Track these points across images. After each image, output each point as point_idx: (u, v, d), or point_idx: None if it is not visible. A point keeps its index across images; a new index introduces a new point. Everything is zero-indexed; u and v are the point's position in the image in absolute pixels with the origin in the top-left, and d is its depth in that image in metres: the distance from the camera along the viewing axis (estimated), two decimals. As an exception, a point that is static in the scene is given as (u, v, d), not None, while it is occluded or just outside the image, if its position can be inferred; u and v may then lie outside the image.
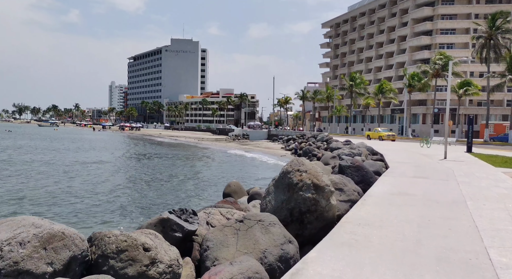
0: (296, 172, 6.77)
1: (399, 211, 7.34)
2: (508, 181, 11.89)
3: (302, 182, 6.59)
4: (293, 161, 7.12)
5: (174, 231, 5.17)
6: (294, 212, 6.48)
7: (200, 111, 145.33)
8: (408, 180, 11.98)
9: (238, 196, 10.40)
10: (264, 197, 7.22)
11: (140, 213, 14.16)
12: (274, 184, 7.14)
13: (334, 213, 6.88)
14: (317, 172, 6.84)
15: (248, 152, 44.96)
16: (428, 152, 25.20)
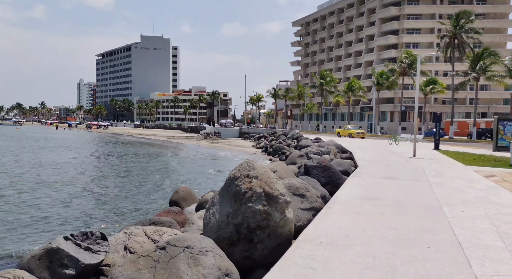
0: (245, 178, 5.43)
1: (368, 222, 6.14)
2: (482, 181, 11.06)
3: (252, 190, 5.26)
4: (242, 164, 5.78)
5: (65, 267, 3.73)
6: (242, 228, 5.15)
7: (172, 109, 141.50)
8: (377, 180, 10.93)
9: (187, 203, 8.96)
10: (207, 208, 5.84)
11: (62, 226, 11.56)
12: (219, 192, 5.77)
13: (290, 228, 5.58)
14: (270, 178, 5.52)
15: (217, 150, 43.40)
16: (397, 149, 24.61)
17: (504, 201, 8.11)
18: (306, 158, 17.28)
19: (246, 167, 5.61)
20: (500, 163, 15.67)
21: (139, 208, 14.16)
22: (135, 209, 13.81)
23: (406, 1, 67.93)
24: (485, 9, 65.75)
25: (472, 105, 60.38)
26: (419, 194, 8.86)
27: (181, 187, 10.03)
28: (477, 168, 14.22)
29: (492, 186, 10.21)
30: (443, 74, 63.98)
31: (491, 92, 65.38)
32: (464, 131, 50.86)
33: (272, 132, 53.49)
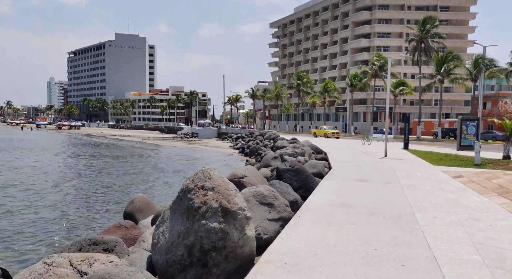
0: (199, 190, 4.73)
1: (338, 234, 5.59)
2: (451, 182, 10.78)
3: (207, 205, 4.56)
4: (197, 173, 5.07)
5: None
6: (194, 250, 4.43)
7: (149, 109, 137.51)
8: (350, 183, 10.46)
9: (143, 215, 8.10)
10: (157, 225, 5.10)
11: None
12: (171, 207, 5.05)
13: (251, 247, 4.90)
14: (229, 189, 4.83)
15: (193, 151, 42.32)
16: (369, 149, 24.47)
17: (474, 204, 7.76)
18: (280, 159, 16.72)
19: (202, 177, 4.90)
20: (465, 163, 15.58)
21: (90, 221, 12.15)
22: (85, 223, 11.87)
23: (377, 6, 68.67)
24: (448, 15, 67.28)
25: (437, 106, 61.69)
26: (391, 198, 8.41)
27: (137, 196, 8.84)
28: (445, 168, 14.03)
29: (460, 187, 9.92)
30: (411, 76, 65.03)
31: (454, 94, 67.04)
32: (430, 131, 51.81)
33: (250, 133, 52.87)
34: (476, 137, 23.67)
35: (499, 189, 8.89)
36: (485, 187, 9.40)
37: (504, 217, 6.71)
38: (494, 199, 8.13)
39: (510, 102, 44.42)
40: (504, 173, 10.47)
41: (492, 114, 43.70)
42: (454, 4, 67.80)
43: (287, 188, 10.43)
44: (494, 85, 64.25)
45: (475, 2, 68.38)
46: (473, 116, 40.83)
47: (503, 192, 8.55)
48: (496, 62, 37.72)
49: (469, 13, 68.50)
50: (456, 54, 43.42)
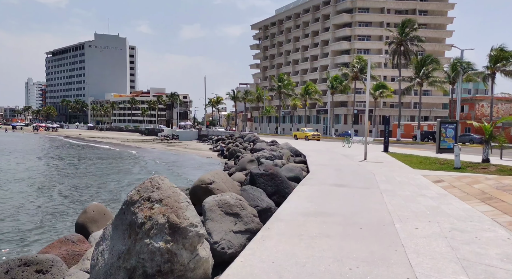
0: (145, 202, 4.01)
1: (310, 250, 4.96)
2: (431, 187, 10.37)
3: (152, 220, 3.84)
4: (144, 182, 4.34)
5: None
6: (136, 275, 3.72)
7: (129, 110, 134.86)
8: (327, 189, 9.90)
9: (98, 226, 7.26)
10: (97, 244, 4.33)
11: None
12: (113, 222, 4.29)
13: (205, 269, 4.19)
14: (179, 201, 4.12)
15: (171, 153, 41.18)
16: (349, 152, 24.15)
17: (456, 212, 7.30)
18: (257, 163, 16.09)
19: (149, 186, 4.17)
20: (445, 166, 15.34)
21: (37, 233, 10.82)
22: (28, 236, 10.52)
23: (358, 9, 69.28)
24: (427, 19, 68.54)
25: (416, 109, 62.58)
26: (370, 206, 7.87)
27: (91, 205, 7.84)
28: (425, 172, 13.71)
29: (442, 193, 9.50)
30: (391, 79, 65.82)
31: (432, 97, 68.24)
32: (410, 133, 52.36)
33: (230, 135, 52.10)
34: (455, 140, 23.72)
35: (481, 195, 8.50)
36: (467, 193, 9.00)
37: (489, 227, 6.25)
38: (477, 206, 7.71)
39: (486, 106, 45.34)
40: (485, 178, 10.14)
41: (470, 118, 44.47)
42: (433, 8, 69.13)
43: (260, 194, 9.80)
44: (471, 89, 65.82)
45: (453, 7, 69.94)
46: (451, 119, 41.41)
47: (486, 198, 8.15)
48: (474, 65, 38.42)
49: (446, 17, 69.98)
50: (435, 58, 44.00)
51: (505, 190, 8.40)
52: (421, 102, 47.62)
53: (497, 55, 32.59)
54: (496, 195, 8.20)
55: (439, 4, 69.05)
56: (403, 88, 46.22)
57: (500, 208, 7.23)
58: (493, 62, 33.17)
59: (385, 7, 68.62)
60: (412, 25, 44.30)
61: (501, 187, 8.77)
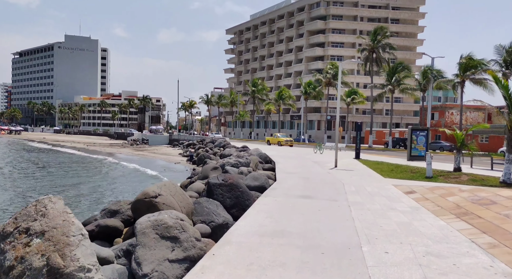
0: (20, 235, 2.89)
1: (256, 289, 3.95)
2: (403, 199, 9.65)
3: (24, 263, 2.73)
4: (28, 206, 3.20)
5: None
6: None
7: (99, 114, 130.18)
8: (291, 202, 8.96)
9: None
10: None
11: None
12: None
13: None
14: (69, 234, 3.03)
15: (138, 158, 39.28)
16: (320, 159, 23.51)
17: (431, 231, 6.52)
18: (221, 170, 15.00)
19: (32, 213, 3.10)
20: (416, 175, 14.84)
21: None
22: None
23: (331, 16, 69.87)
24: (398, 28, 70.03)
25: (388, 116, 63.49)
26: (335, 223, 6.98)
27: None
28: (396, 181, 13.10)
29: (414, 206, 8.78)
30: (363, 86, 66.54)
31: (403, 105, 69.55)
32: (382, 140, 52.83)
33: (201, 140, 50.72)
34: (426, 147, 23.56)
35: (456, 209, 7.80)
36: (440, 206, 8.30)
37: (467, 250, 5.47)
38: (452, 223, 6.97)
39: (456, 113, 46.35)
40: (459, 189, 9.53)
41: (440, 125, 45.27)
42: (404, 17, 70.74)
43: (216, 207, 8.74)
44: (441, 97, 67.56)
45: (423, 16, 71.88)
46: (422, 126, 41.93)
47: (461, 213, 7.44)
48: (444, 73, 39.11)
49: (418, 26, 71.81)
50: (406, 65, 44.64)
51: (481, 204, 7.74)
52: (392, 109, 48.12)
53: (466, 63, 33.21)
54: (472, 209, 7.52)
55: (410, 13, 70.77)
56: (375, 95, 46.57)
57: (478, 225, 6.51)
58: (462, 70, 33.78)
59: (358, 15, 69.58)
60: (384, 32, 44.80)
61: (477, 200, 8.13)
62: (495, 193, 8.41)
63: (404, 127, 61.76)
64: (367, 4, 70.07)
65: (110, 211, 7.59)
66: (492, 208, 7.33)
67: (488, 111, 47.37)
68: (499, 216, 6.74)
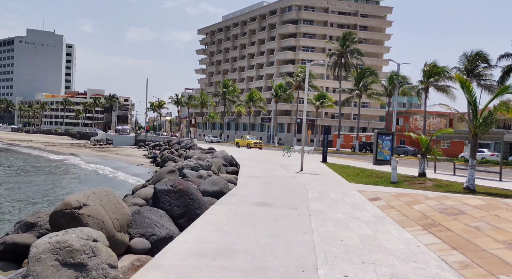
0: None
1: None
2: (367, 206, 8.95)
3: None
4: None
5: None
6: None
7: (62, 112, 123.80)
8: (246, 210, 8.01)
9: None
10: None
11: None
12: None
13: None
14: None
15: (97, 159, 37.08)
16: (287, 162, 22.80)
17: (397, 247, 5.77)
18: (179, 173, 13.85)
19: None
20: (381, 180, 14.35)
21: None
22: None
23: (302, 21, 70.02)
24: (366, 35, 71.26)
25: (355, 120, 64.27)
26: (292, 237, 6.08)
27: None
28: (361, 187, 12.49)
29: (379, 215, 8.07)
30: (332, 91, 66.99)
31: (370, 110, 70.72)
32: (349, 144, 53.19)
33: (168, 141, 48.95)
34: (391, 151, 23.42)
35: (423, 220, 7.13)
36: (406, 216, 7.62)
37: (437, 271, 4.72)
38: (420, 236, 6.26)
39: (419, 119, 47.36)
40: (425, 197, 8.94)
41: (404, 130, 46.07)
42: (372, 25, 72.07)
43: (161, 217, 7.63)
44: (406, 103, 69.23)
45: (390, 24, 73.57)
46: (387, 130, 42.42)
47: (428, 224, 6.77)
48: (409, 79, 39.76)
49: (385, 34, 73.38)
50: (374, 70, 45.08)
51: (448, 214, 7.11)
52: (360, 114, 48.51)
53: (430, 70, 33.78)
54: (440, 220, 6.87)
55: (378, 21, 72.21)
56: (343, 99, 46.77)
57: (447, 239, 5.82)
58: (427, 77, 34.36)
59: (329, 20, 70.18)
60: (352, 38, 45.10)
61: (444, 209, 7.51)
62: (462, 202, 7.84)
63: (370, 132, 62.71)
64: (337, 11, 70.83)
65: (26, 224, 6.31)
66: (461, 219, 6.71)
67: (450, 117, 48.78)
68: (469, 229, 6.10)
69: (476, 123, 12.74)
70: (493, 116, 11.99)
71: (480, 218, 6.50)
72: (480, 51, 31.38)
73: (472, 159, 12.44)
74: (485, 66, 31.69)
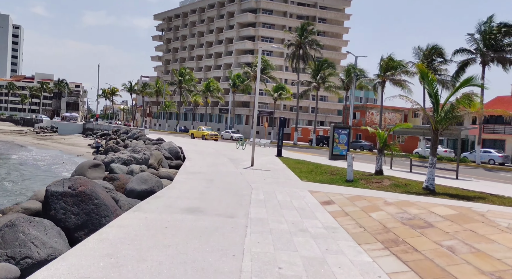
0: None
1: None
2: (318, 213, 7.48)
3: None
4: None
5: None
6: None
7: (6, 97, 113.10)
8: (166, 221, 6.20)
9: None
10: None
11: None
12: None
13: None
14: None
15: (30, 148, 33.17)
16: (240, 156, 21.14)
17: (353, 273, 4.27)
18: (105, 168, 11.67)
19: None
20: (336, 178, 13.12)
21: None
22: None
23: (262, 10, 68.25)
24: (325, 27, 71.00)
25: (313, 113, 64.08)
26: (211, 266, 4.39)
27: None
28: (314, 186, 11.12)
29: (330, 225, 6.62)
30: (291, 83, 66.23)
31: (328, 103, 70.91)
32: (307, 137, 52.69)
33: (116, 130, 45.48)
34: (347, 146, 22.57)
35: (383, 233, 5.74)
36: (363, 227, 6.22)
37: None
38: (380, 259, 4.82)
39: (376, 114, 47.69)
40: (384, 202, 7.64)
41: (361, 124, 46.15)
42: (331, 17, 71.91)
43: (45, 231, 5.62)
44: (362, 97, 70.15)
45: (349, 18, 73.84)
46: (344, 124, 42.15)
47: (390, 241, 5.37)
48: (366, 73, 39.54)
49: (343, 27, 73.56)
50: (331, 62, 44.51)
51: (414, 227, 5.78)
52: (317, 107, 47.96)
53: (386, 63, 33.56)
54: (404, 235, 5.50)
55: (336, 13, 72.15)
56: (301, 92, 45.89)
57: (416, 266, 4.41)
58: (383, 70, 34.13)
59: (288, 11, 68.99)
60: (311, 29, 44.15)
61: (408, 220, 6.19)
62: (428, 210, 6.58)
63: (328, 126, 62.83)
64: (297, 1, 69.81)
65: None
66: (429, 234, 5.38)
67: (404, 113, 49.64)
68: (442, 250, 4.75)
69: (437, 118, 11.79)
70: (455, 111, 11.06)
71: (453, 234, 5.21)
72: (436, 45, 31.50)
73: (433, 157, 11.49)
74: (441, 61, 31.90)
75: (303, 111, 67.20)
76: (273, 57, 65.27)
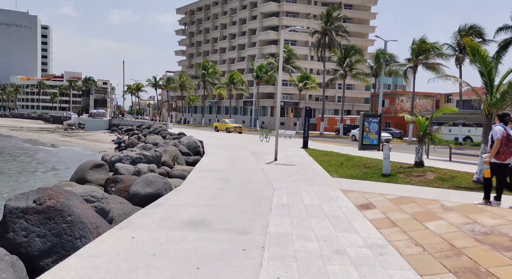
0: None
1: None
2: (356, 222, 5.82)
3: None
4: None
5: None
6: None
7: (37, 96, 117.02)
8: (158, 243, 4.78)
9: None
10: None
11: None
12: None
13: None
14: None
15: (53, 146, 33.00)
16: (262, 149, 19.63)
17: None
18: (108, 169, 10.47)
19: None
20: (371, 171, 11.36)
21: None
22: None
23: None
24: (351, 14, 67.59)
25: (339, 102, 61.33)
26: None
27: None
28: (346, 183, 9.43)
29: (374, 241, 4.97)
30: (316, 72, 63.70)
31: (355, 92, 67.85)
32: (333, 127, 50.41)
33: (140, 125, 45.14)
34: (378, 135, 20.52)
35: (453, 258, 4.03)
36: (421, 246, 4.52)
37: None
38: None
39: (405, 100, 44.68)
40: (441, 206, 5.86)
41: (390, 112, 43.35)
42: (357, 3, 68.32)
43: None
44: (390, 85, 66.53)
45: (376, 2, 69.89)
46: (373, 112, 39.60)
47: (466, 270, 3.65)
48: (396, 58, 36.68)
49: (370, 13, 69.78)
50: (359, 49, 41.87)
51: (496, 247, 4.03)
52: (344, 96, 45.53)
53: (419, 46, 30.70)
54: (485, 261, 3.77)
55: (363, -1, 68.54)
56: (327, 80, 43.57)
57: None
58: (415, 54, 31.30)
59: (312, -2, 66.17)
60: (337, 14, 41.61)
61: (483, 235, 4.44)
62: (508, 220, 4.78)
63: (355, 114, 59.96)
64: (321, -12, 66.77)
65: None
66: (528, 265, 3.62)
67: (436, 98, 46.29)
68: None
69: (491, 101, 9.76)
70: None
71: None
72: (474, 25, 28.42)
73: (485, 145, 9.53)
74: (480, 41, 28.78)
75: (329, 101, 64.64)
76: (298, 47, 62.94)
